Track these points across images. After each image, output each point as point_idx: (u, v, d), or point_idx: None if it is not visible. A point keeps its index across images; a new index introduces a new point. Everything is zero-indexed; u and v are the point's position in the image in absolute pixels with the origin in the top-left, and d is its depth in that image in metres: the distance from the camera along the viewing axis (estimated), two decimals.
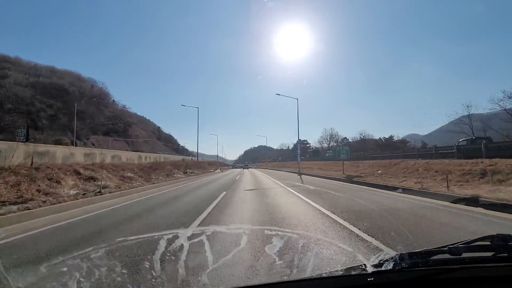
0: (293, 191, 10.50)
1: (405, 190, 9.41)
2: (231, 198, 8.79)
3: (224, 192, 10.27)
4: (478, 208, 6.05)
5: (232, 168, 65.66)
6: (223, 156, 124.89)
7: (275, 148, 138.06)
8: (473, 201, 6.52)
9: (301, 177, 20.14)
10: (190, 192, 11.21)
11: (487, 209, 5.88)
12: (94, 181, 11.29)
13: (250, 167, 63.81)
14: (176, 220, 5.38)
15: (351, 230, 4.20)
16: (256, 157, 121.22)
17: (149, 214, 6.25)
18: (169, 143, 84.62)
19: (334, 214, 5.58)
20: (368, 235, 3.84)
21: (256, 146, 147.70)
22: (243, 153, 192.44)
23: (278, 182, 15.58)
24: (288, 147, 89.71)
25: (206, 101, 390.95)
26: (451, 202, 6.81)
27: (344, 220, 4.93)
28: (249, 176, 24.17)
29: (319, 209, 6.23)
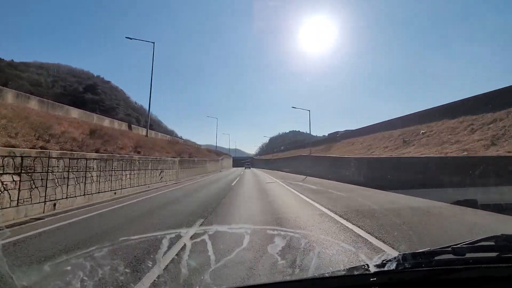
0: None
1: None
2: None
3: None
4: None
5: (233, 167, 54.07)
6: (233, 147, 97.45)
7: (314, 134, 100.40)
8: None
9: None
10: None
11: None
12: None
13: (251, 167, 52.16)
14: None
15: None
16: (291, 142, 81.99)
17: None
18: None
19: None
20: None
21: (287, 131, 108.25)
22: (267, 141, 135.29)
23: None
24: None
25: (229, 96, 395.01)
26: None
27: None
28: None
29: None
